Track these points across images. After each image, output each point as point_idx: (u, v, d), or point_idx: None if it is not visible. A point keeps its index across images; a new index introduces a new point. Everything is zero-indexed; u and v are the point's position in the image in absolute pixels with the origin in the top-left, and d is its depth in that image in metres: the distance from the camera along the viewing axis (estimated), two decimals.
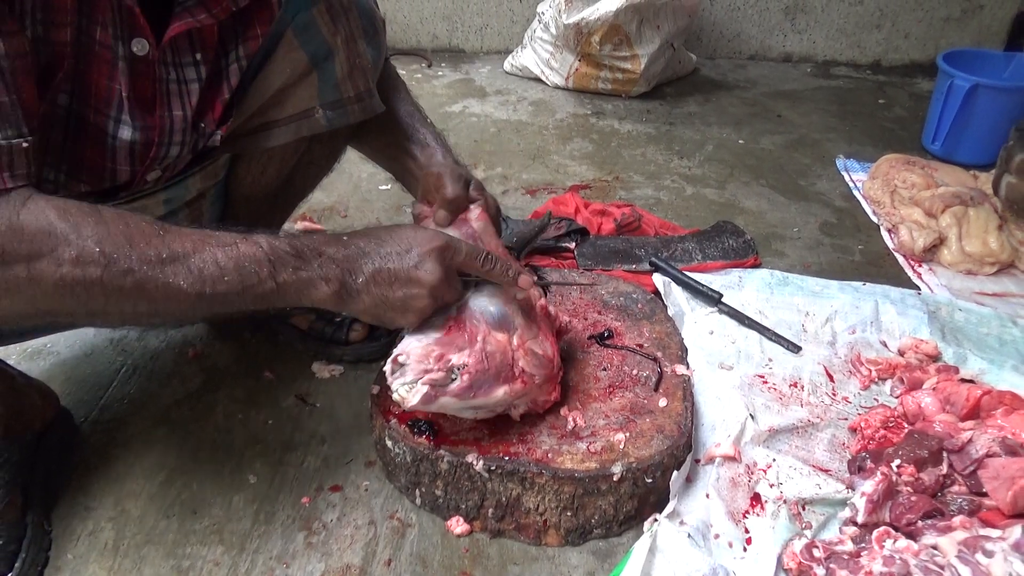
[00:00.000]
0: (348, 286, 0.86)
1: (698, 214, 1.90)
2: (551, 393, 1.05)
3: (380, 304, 0.89)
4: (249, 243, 0.81)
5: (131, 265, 0.75)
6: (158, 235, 0.77)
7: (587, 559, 1.02)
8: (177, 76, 0.90)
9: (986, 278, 1.65)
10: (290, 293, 0.84)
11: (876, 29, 2.93)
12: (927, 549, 0.93)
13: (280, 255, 0.82)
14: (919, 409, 1.18)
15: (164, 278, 0.76)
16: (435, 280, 0.88)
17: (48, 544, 1.02)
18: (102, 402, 1.26)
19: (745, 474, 1.10)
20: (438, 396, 0.93)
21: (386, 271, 0.87)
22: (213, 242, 0.80)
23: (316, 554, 1.02)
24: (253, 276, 0.81)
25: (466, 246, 0.92)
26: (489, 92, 2.62)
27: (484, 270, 0.93)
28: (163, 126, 0.91)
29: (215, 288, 0.79)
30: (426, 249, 0.88)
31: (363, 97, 1.06)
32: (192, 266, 0.78)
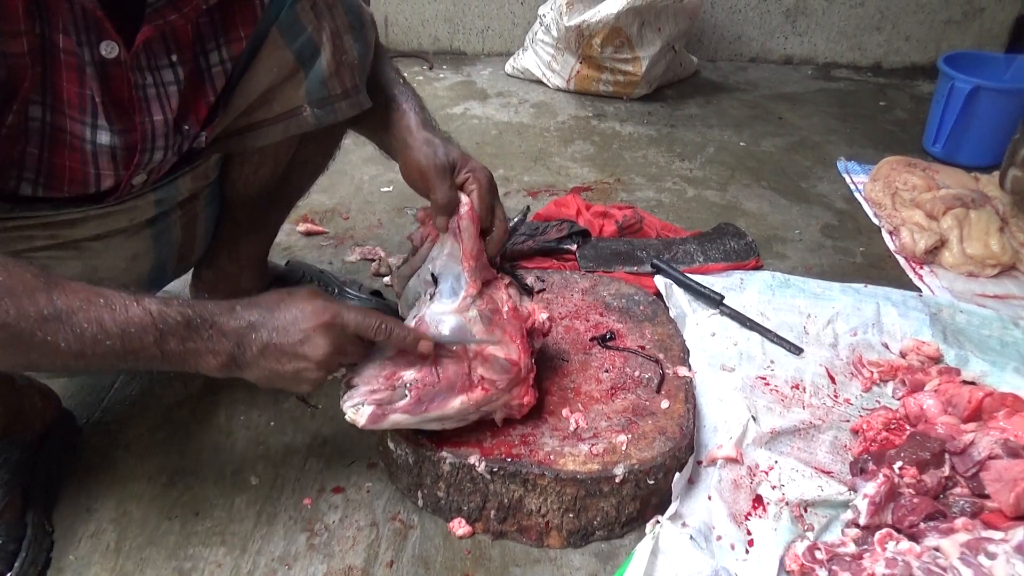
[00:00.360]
0: (237, 359, 0.85)
1: (699, 216, 1.90)
2: (523, 396, 1.02)
3: (272, 376, 0.88)
4: (138, 307, 0.79)
5: (6, 318, 0.72)
6: (43, 288, 0.75)
7: (589, 561, 1.02)
8: (154, 79, 0.88)
9: (987, 280, 1.65)
10: (176, 361, 0.83)
11: (877, 31, 2.93)
12: (929, 551, 0.93)
13: (169, 324, 0.81)
14: (921, 411, 1.18)
15: (43, 335, 0.74)
16: (322, 356, 0.87)
17: (50, 545, 1.02)
18: (104, 404, 1.26)
19: (747, 476, 1.10)
20: (387, 414, 0.95)
21: (274, 346, 0.86)
22: (101, 302, 0.77)
23: (318, 555, 1.02)
24: (137, 342, 0.79)
25: (355, 318, 0.90)
26: (490, 94, 2.62)
27: (379, 339, 0.92)
28: (144, 131, 0.90)
29: (95, 350, 0.77)
30: (311, 325, 0.87)
31: (350, 94, 1.04)
32: (74, 325, 0.75)
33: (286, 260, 1.51)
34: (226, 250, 1.29)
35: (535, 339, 1.06)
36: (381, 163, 2.09)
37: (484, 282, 1.03)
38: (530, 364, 1.02)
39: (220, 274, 1.30)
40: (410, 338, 0.93)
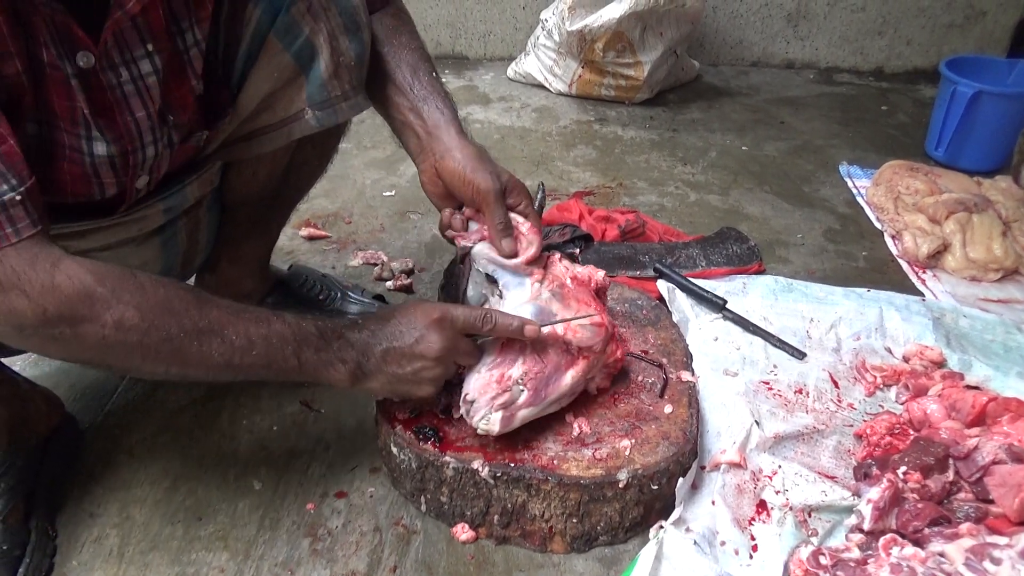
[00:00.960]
0: (363, 366, 0.92)
1: (702, 220, 1.90)
2: (616, 352, 1.08)
3: (393, 380, 0.95)
4: (279, 321, 0.87)
5: (169, 333, 0.79)
6: (196, 304, 0.82)
7: (593, 566, 1.02)
8: (131, 74, 0.85)
9: (990, 284, 1.65)
10: (309, 370, 0.89)
11: (879, 36, 2.93)
12: (934, 556, 0.93)
13: (305, 334, 0.88)
14: (925, 416, 1.17)
15: (199, 346, 0.81)
16: (438, 351, 0.93)
17: (53, 550, 1.02)
18: (107, 408, 1.26)
19: (751, 481, 1.09)
20: (514, 414, 0.99)
21: (394, 350, 0.93)
22: (247, 316, 0.85)
23: (321, 561, 1.02)
24: (279, 352, 0.86)
25: (463, 313, 0.95)
26: (492, 99, 2.63)
27: (486, 330, 0.96)
28: (130, 131, 0.88)
29: (243, 359, 0.84)
30: (425, 323, 0.93)
31: (350, 95, 1.04)
32: (226, 338, 0.82)
33: (289, 264, 1.51)
34: (227, 254, 1.29)
35: (601, 295, 1.11)
36: (383, 167, 2.10)
37: (542, 264, 1.07)
38: (612, 320, 1.06)
39: (222, 278, 1.31)
40: (515, 324, 0.96)
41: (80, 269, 0.76)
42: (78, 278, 0.75)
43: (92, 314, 0.76)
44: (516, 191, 1.06)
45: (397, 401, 1.07)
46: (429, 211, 1.89)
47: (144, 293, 0.79)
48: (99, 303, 0.76)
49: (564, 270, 1.08)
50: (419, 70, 1.07)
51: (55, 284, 0.74)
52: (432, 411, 1.08)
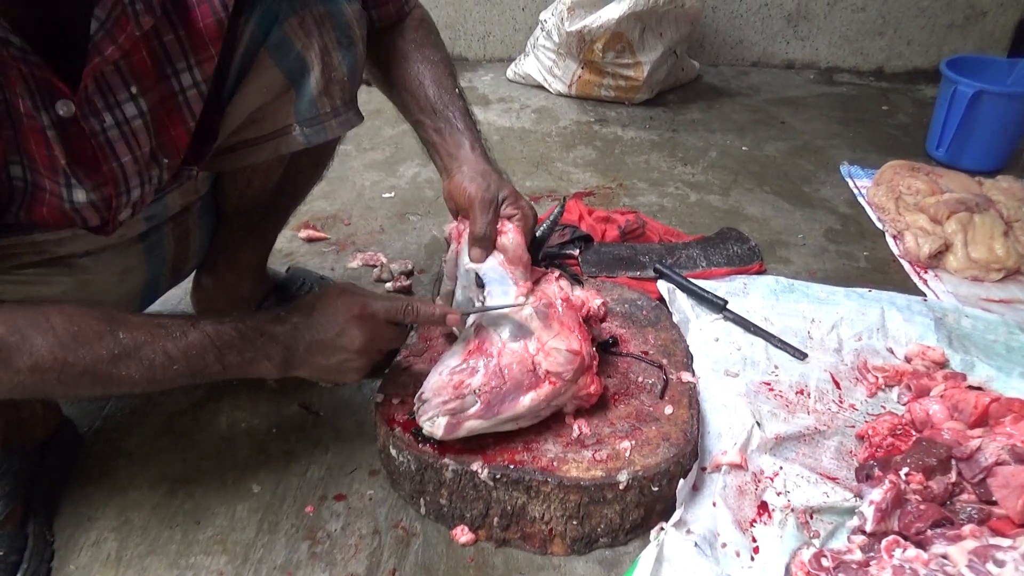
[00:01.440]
0: (288, 360, 0.94)
1: (702, 221, 1.89)
2: (590, 386, 1.04)
3: (319, 370, 0.98)
4: (196, 331, 0.88)
5: (84, 366, 0.80)
6: (109, 332, 0.82)
7: (593, 568, 1.02)
8: (115, 118, 0.83)
9: (992, 284, 1.64)
10: (236, 371, 0.91)
11: (879, 36, 2.93)
12: (937, 558, 0.92)
13: (225, 339, 0.89)
14: (927, 416, 1.17)
15: (117, 371, 0.82)
16: (358, 344, 0.96)
17: (50, 555, 1.01)
18: (105, 411, 1.25)
19: (752, 482, 1.09)
20: (461, 423, 0.97)
21: (317, 342, 0.95)
22: (162, 333, 0.85)
23: (320, 564, 1.01)
24: (200, 361, 0.88)
25: (382, 305, 0.97)
26: (492, 100, 2.62)
27: (408, 320, 0.99)
28: (116, 177, 0.86)
29: (165, 375, 0.86)
30: (345, 317, 0.95)
31: (340, 112, 1.02)
32: (143, 358, 0.84)
33: (287, 266, 1.51)
34: (224, 258, 1.28)
35: (593, 326, 1.09)
36: (383, 169, 2.09)
37: (534, 280, 1.06)
38: (592, 352, 1.03)
39: (220, 282, 1.30)
40: (437, 313, 0.99)
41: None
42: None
43: (4, 362, 0.77)
44: (513, 204, 1.06)
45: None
46: (428, 213, 1.89)
47: (55, 333, 0.79)
48: (12, 351, 0.77)
49: (558, 290, 1.07)
50: (442, 87, 1.09)
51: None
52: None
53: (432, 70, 1.10)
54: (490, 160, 1.09)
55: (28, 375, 0.78)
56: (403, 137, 2.29)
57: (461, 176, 1.05)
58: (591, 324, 1.09)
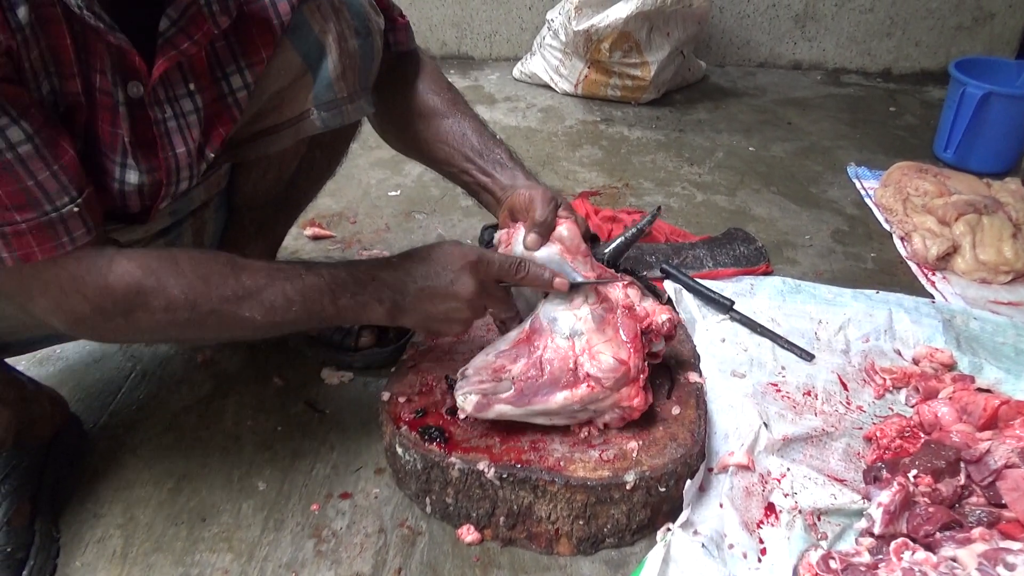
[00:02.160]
0: (398, 304, 0.95)
1: (709, 221, 1.89)
2: (633, 398, 1.01)
3: (426, 318, 0.98)
4: (312, 274, 0.91)
5: (212, 306, 0.85)
6: (232, 274, 0.87)
7: (599, 569, 1.01)
8: (174, 111, 0.88)
9: (1001, 287, 1.63)
10: (348, 314, 0.94)
11: (887, 37, 2.92)
12: (946, 561, 0.91)
13: (339, 282, 0.92)
14: (935, 419, 1.16)
15: (241, 312, 0.86)
16: (470, 293, 0.96)
17: (56, 551, 1.01)
18: (111, 408, 1.25)
19: (759, 483, 1.08)
20: (491, 404, 0.99)
21: (428, 288, 0.96)
22: (281, 276, 0.89)
23: (326, 562, 1.01)
24: (317, 303, 0.90)
25: (499, 258, 0.98)
26: (498, 99, 2.62)
27: (518, 277, 0.99)
28: (169, 167, 0.90)
29: (284, 317, 0.89)
30: (460, 264, 0.96)
31: (356, 97, 1.04)
32: (264, 299, 0.87)
33: None
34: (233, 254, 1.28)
35: (653, 340, 1.06)
36: (388, 167, 2.09)
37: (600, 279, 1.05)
38: (641, 365, 1.01)
39: None
40: (547, 276, 0.99)
41: (130, 265, 0.82)
42: (128, 274, 0.81)
43: (143, 304, 0.82)
44: (566, 210, 1.07)
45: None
46: (434, 211, 1.89)
47: (185, 276, 0.84)
48: (148, 294, 0.82)
49: (623, 297, 1.05)
50: (484, 136, 1.13)
51: (108, 284, 0.80)
52: (438, 412, 1.07)
53: (471, 123, 1.14)
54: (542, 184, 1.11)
55: (163, 315, 0.83)
56: None
57: (520, 189, 1.07)
58: (651, 338, 1.05)
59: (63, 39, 0.75)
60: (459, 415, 1.03)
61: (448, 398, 1.08)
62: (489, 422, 1.04)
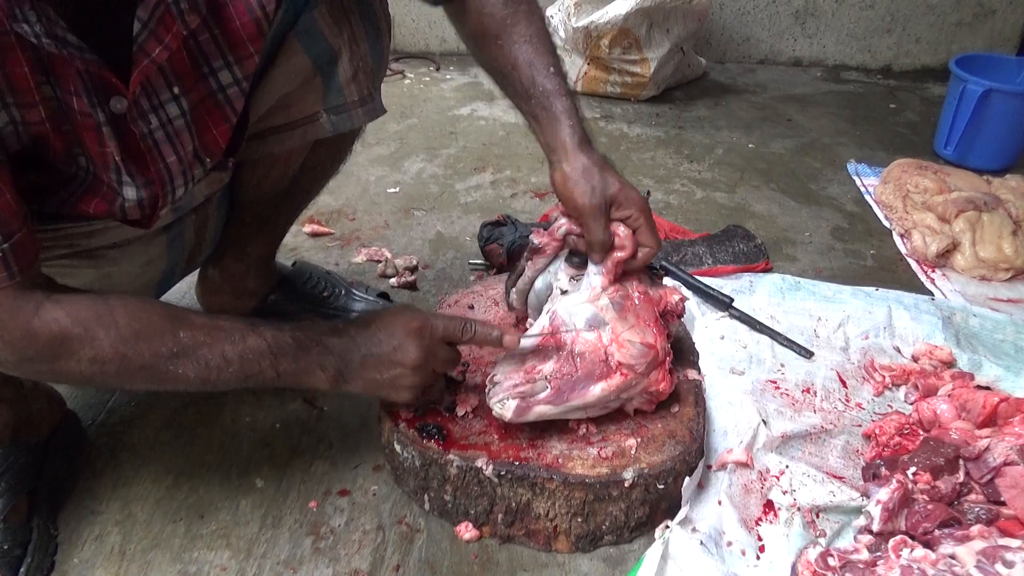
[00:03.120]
0: (341, 372, 0.93)
1: (708, 218, 1.88)
2: (660, 383, 1.01)
3: (372, 385, 0.96)
4: (254, 335, 0.87)
5: (143, 361, 0.82)
6: (169, 330, 0.83)
7: (598, 566, 1.01)
8: (159, 119, 0.84)
9: (1000, 284, 1.63)
10: (289, 379, 0.90)
11: (887, 34, 2.92)
12: (945, 559, 0.91)
13: (282, 346, 0.89)
14: (934, 416, 1.16)
15: (174, 369, 0.84)
16: (414, 360, 0.94)
17: (54, 548, 1.01)
18: (109, 405, 1.25)
19: (758, 481, 1.08)
20: (531, 407, 0.98)
21: (372, 357, 0.94)
22: (222, 336, 0.86)
23: (324, 559, 1.01)
24: (255, 366, 0.87)
25: (442, 323, 0.96)
26: (497, 95, 2.61)
27: (465, 339, 0.97)
28: (162, 178, 0.88)
29: (219, 376, 0.86)
30: (403, 333, 0.94)
31: (366, 101, 1.04)
32: (199, 358, 0.84)
33: (293, 261, 1.50)
34: (233, 250, 1.28)
35: (670, 321, 1.06)
36: (388, 164, 2.09)
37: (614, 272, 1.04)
38: (666, 347, 1.02)
39: (226, 274, 1.30)
40: (495, 335, 0.97)
41: (58, 312, 0.78)
42: (55, 322, 0.78)
43: (68, 353, 0.79)
44: (624, 204, 1.00)
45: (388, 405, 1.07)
46: (433, 208, 1.89)
47: (118, 328, 0.81)
48: (74, 342, 0.79)
49: (636, 284, 1.05)
50: (536, 68, 1.00)
51: (33, 330, 0.77)
52: (436, 409, 1.07)
53: (525, 50, 1.00)
54: (589, 146, 1.02)
55: (88, 366, 0.80)
56: (408, 132, 2.29)
57: (563, 174, 1.00)
58: (668, 320, 1.05)
59: (19, 67, 0.71)
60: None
61: (446, 395, 1.08)
62: (487, 420, 1.04)
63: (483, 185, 2.01)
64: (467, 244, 1.73)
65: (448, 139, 2.28)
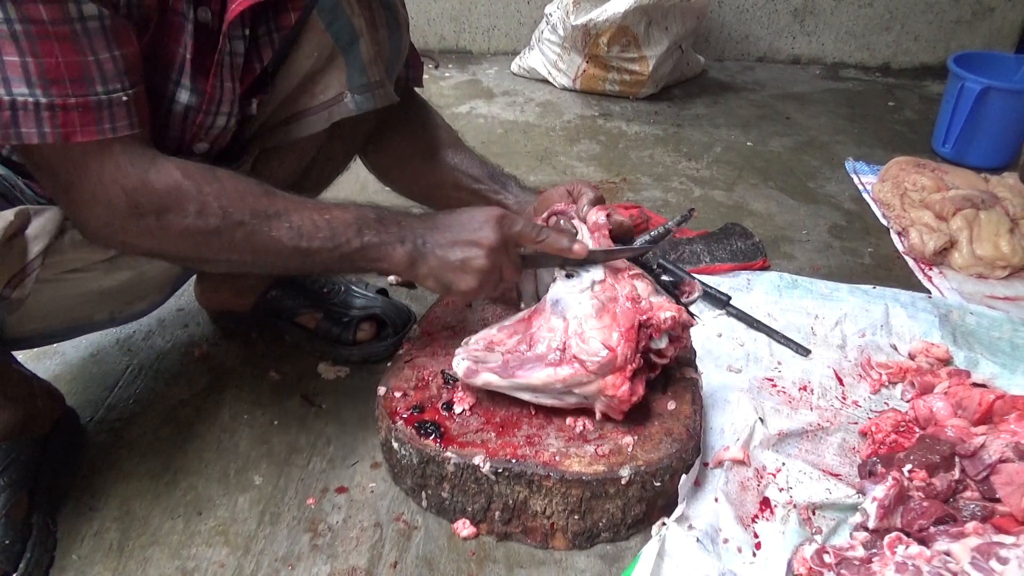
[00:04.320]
0: (418, 248, 0.97)
1: (706, 216, 1.89)
2: (616, 388, 0.99)
3: (443, 265, 0.98)
4: (341, 208, 0.94)
5: (243, 218, 0.87)
6: (265, 194, 0.90)
7: (595, 563, 1.02)
8: (231, 48, 0.92)
9: (997, 282, 1.64)
10: (371, 252, 0.95)
11: (885, 31, 2.92)
12: (940, 555, 0.92)
13: (366, 219, 0.95)
14: (931, 413, 1.16)
15: (269, 231, 0.89)
16: (491, 242, 0.97)
17: (53, 544, 1.01)
18: (108, 402, 1.26)
19: (754, 478, 1.09)
20: (479, 371, 1.01)
21: (451, 236, 0.98)
22: (310, 205, 0.93)
23: (322, 556, 1.01)
24: (342, 234, 0.93)
25: (523, 219, 1.00)
26: (496, 93, 2.62)
27: (539, 239, 1.00)
28: (213, 96, 0.93)
29: (310, 243, 0.91)
30: (485, 217, 0.98)
31: (385, 83, 1.05)
32: (293, 221, 0.90)
33: None
34: None
35: (653, 336, 1.02)
36: None
37: (613, 271, 1.05)
38: (630, 356, 0.99)
39: None
40: (565, 241, 1.00)
41: (170, 166, 0.85)
42: (168, 174, 0.84)
43: (177, 205, 0.84)
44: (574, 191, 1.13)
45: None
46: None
47: (222, 185, 0.87)
48: (185, 195, 0.84)
49: (629, 288, 1.04)
50: (493, 166, 1.25)
51: (149, 180, 0.83)
52: (434, 406, 1.07)
53: (478, 156, 1.25)
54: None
55: (194, 219, 0.85)
56: None
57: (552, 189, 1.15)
58: (651, 333, 1.02)
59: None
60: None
61: (444, 393, 1.08)
62: (484, 417, 1.05)
63: None
64: None
65: None
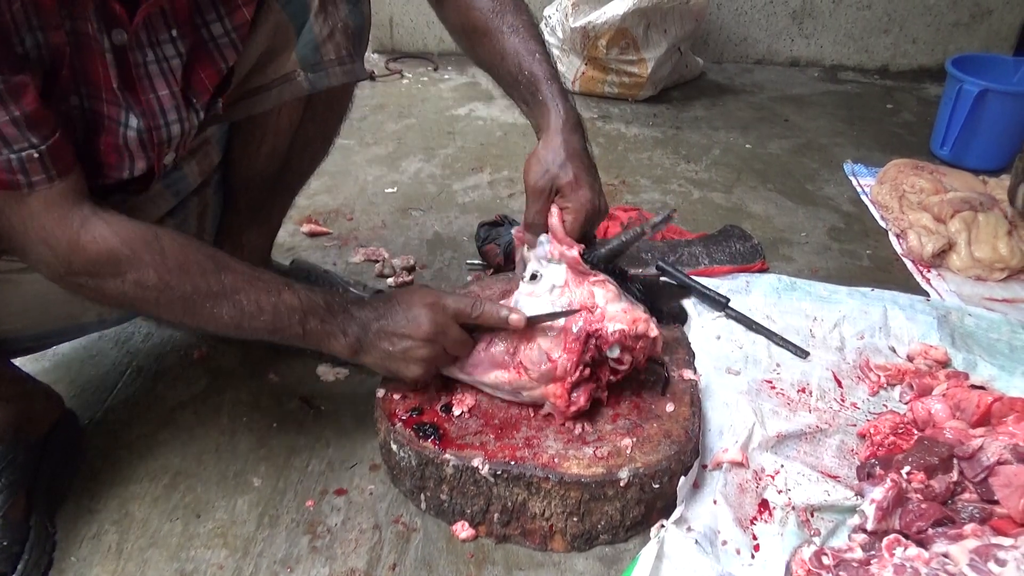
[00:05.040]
0: (360, 340, 0.98)
1: (705, 218, 1.89)
2: (557, 397, 1.02)
3: (385, 356, 1.00)
4: (289, 291, 0.93)
5: (183, 292, 0.87)
6: (212, 270, 0.88)
7: (593, 565, 1.02)
8: (156, 55, 0.89)
9: (996, 284, 1.64)
10: (313, 339, 0.96)
11: (884, 34, 2.92)
12: (938, 557, 0.92)
13: (313, 306, 0.95)
14: (929, 415, 1.17)
15: (211, 307, 0.88)
16: (425, 332, 0.98)
17: (51, 546, 1.01)
18: (107, 404, 1.25)
19: (753, 480, 1.09)
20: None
21: (388, 328, 0.99)
22: (259, 284, 0.91)
23: (320, 558, 1.01)
24: (285, 320, 0.93)
25: (454, 300, 1.01)
26: (495, 95, 2.61)
27: (474, 316, 1.00)
28: (152, 108, 0.91)
29: (252, 324, 0.91)
30: (418, 307, 0.99)
31: (345, 61, 1.06)
32: (236, 302, 0.89)
33: (290, 260, 1.50)
34: (229, 244, 1.28)
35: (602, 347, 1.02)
36: (385, 164, 2.09)
37: (575, 275, 1.06)
38: (570, 368, 1.01)
39: None
40: (502, 314, 1.00)
41: (107, 231, 0.82)
42: (103, 239, 0.82)
43: (114, 272, 0.83)
44: (567, 197, 1.05)
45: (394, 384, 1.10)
46: (431, 208, 1.89)
47: (164, 256, 0.85)
48: (122, 263, 0.83)
49: (587, 296, 1.04)
50: (523, 56, 1.06)
51: (80, 244, 0.81)
52: (433, 409, 1.07)
53: (512, 40, 1.07)
54: (570, 130, 1.06)
55: (132, 288, 0.85)
56: (406, 132, 2.29)
57: (532, 156, 1.07)
58: (598, 345, 1.02)
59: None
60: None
61: (442, 395, 1.09)
62: (483, 419, 1.05)
63: (481, 185, 2.02)
64: (464, 244, 1.73)
65: (446, 139, 2.28)
